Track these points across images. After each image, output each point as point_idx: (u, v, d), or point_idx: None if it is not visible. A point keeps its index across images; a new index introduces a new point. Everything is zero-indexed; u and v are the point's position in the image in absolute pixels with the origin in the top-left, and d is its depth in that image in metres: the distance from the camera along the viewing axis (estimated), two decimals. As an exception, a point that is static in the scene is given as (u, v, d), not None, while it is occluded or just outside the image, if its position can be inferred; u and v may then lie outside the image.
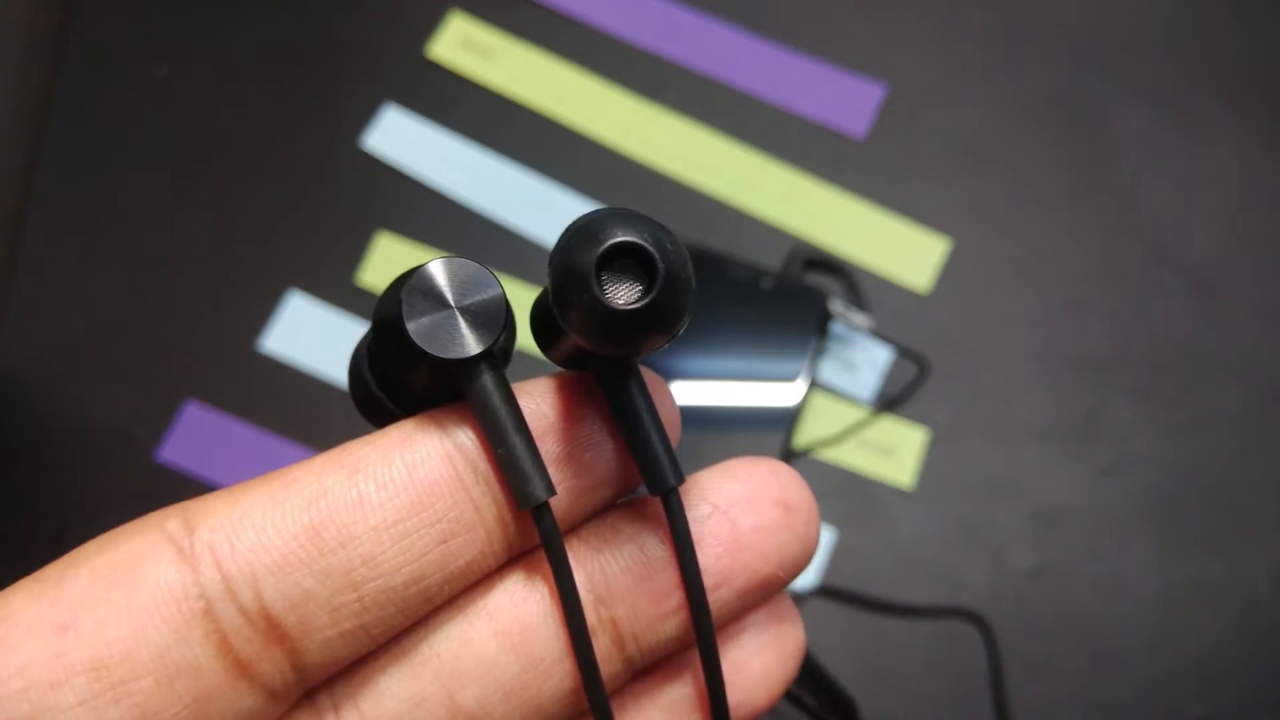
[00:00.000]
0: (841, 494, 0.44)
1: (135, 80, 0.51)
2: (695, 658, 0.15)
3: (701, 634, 0.14)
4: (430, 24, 0.51)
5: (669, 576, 0.14)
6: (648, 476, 0.14)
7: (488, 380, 0.14)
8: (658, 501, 0.15)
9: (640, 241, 0.13)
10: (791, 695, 0.26)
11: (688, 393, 0.44)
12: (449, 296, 0.14)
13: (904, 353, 0.45)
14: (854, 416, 0.45)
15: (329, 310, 0.46)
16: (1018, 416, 0.45)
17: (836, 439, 0.44)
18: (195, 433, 0.44)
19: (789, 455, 0.44)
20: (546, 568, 0.14)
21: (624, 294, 0.13)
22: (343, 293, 0.47)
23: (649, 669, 0.15)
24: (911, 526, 0.43)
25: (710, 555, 0.15)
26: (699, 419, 0.44)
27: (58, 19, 0.52)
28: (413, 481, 0.13)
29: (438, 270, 0.14)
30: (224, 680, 0.12)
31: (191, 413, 0.45)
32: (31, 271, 0.47)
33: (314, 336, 0.46)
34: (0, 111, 0.49)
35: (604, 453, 0.15)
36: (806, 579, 0.42)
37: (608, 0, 0.52)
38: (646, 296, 0.13)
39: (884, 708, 0.41)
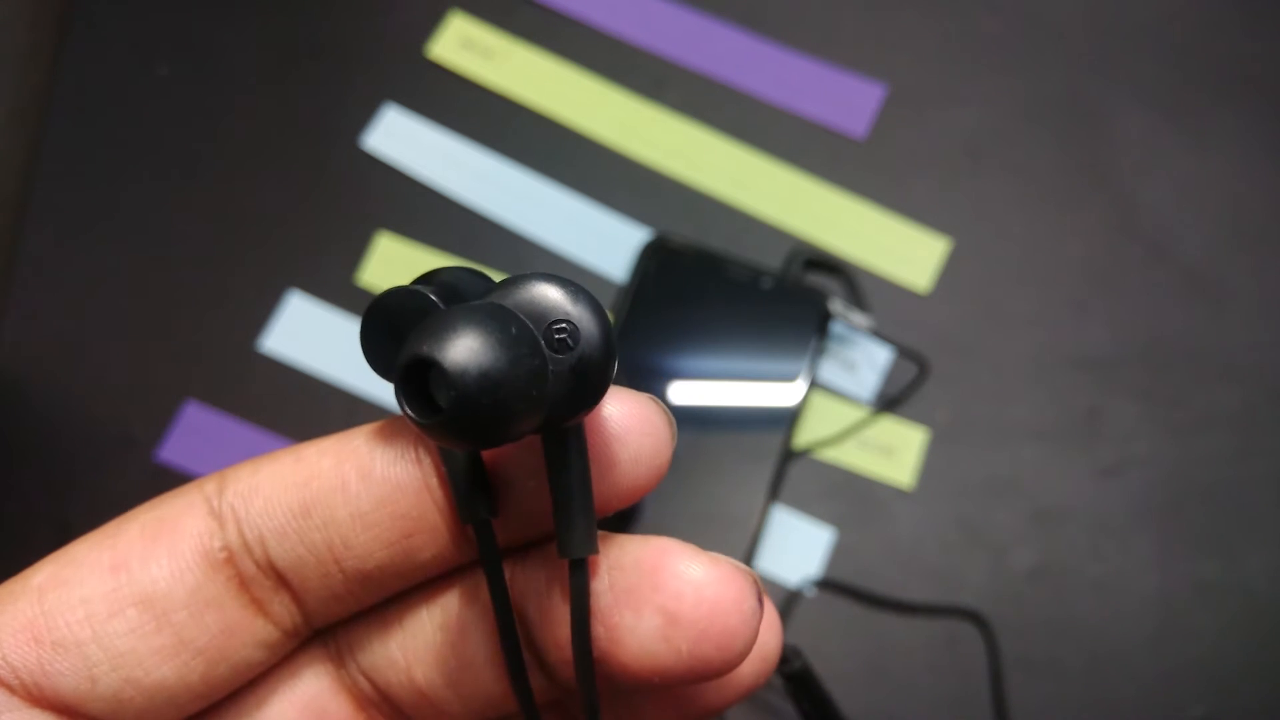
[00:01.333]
0: (841, 494, 0.44)
1: (135, 80, 0.51)
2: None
3: (585, 694, 0.14)
4: (430, 24, 0.51)
5: (565, 632, 0.14)
6: (559, 538, 0.14)
7: None
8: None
9: (431, 360, 0.12)
10: (803, 711, 0.26)
11: (688, 393, 0.44)
12: (399, 328, 0.14)
13: (904, 353, 0.45)
14: (854, 416, 0.45)
15: (329, 310, 0.46)
16: (1018, 416, 0.45)
17: (836, 439, 0.44)
18: (195, 433, 0.44)
19: (789, 455, 0.44)
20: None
21: (430, 402, 0.12)
22: (343, 293, 0.47)
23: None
24: (911, 526, 0.43)
25: (595, 632, 0.14)
26: (699, 419, 0.44)
27: (58, 19, 0.52)
28: (385, 478, 0.14)
29: (390, 303, 0.14)
30: (244, 616, 0.14)
31: (191, 413, 0.45)
32: (31, 271, 0.47)
33: (314, 336, 0.46)
34: (0, 111, 0.49)
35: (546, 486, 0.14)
36: (808, 571, 0.42)
37: (607, 0, 0.52)
38: (440, 414, 0.12)
39: (884, 707, 0.41)
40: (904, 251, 0.48)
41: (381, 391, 0.45)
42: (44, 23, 0.51)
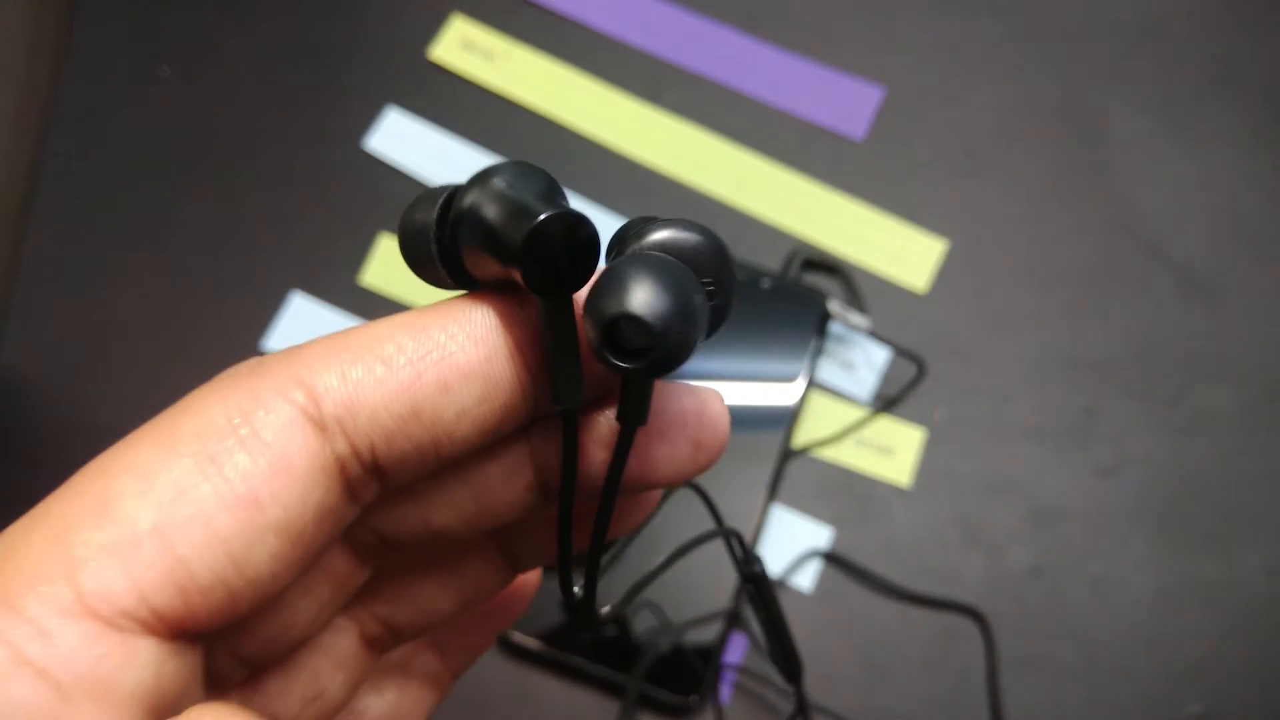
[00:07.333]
0: (840, 493, 0.44)
1: (135, 80, 0.51)
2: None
3: (598, 528, 0.18)
4: (431, 26, 0.52)
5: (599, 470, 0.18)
6: (620, 411, 0.17)
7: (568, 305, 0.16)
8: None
9: (637, 317, 0.14)
10: (765, 626, 0.26)
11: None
12: (554, 248, 0.16)
13: (902, 353, 0.46)
14: (852, 416, 0.45)
15: (331, 311, 0.47)
16: (1015, 416, 0.45)
17: (835, 438, 0.45)
18: (197, 432, 0.45)
19: (788, 454, 0.44)
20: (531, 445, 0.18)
21: (626, 345, 0.14)
22: (345, 293, 0.47)
23: None
24: (909, 526, 0.44)
25: (630, 462, 0.17)
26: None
27: (59, 19, 0.52)
28: (486, 376, 0.16)
29: (554, 228, 0.16)
30: (349, 509, 0.16)
31: (193, 413, 0.45)
32: (32, 271, 0.47)
33: (315, 337, 0.46)
34: (2, 112, 0.49)
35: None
36: (807, 573, 0.43)
37: (608, 3, 0.52)
38: (643, 359, 0.14)
39: (881, 704, 0.41)
40: (902, 252, 0.48)
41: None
42: (45, 23, 0.51)
